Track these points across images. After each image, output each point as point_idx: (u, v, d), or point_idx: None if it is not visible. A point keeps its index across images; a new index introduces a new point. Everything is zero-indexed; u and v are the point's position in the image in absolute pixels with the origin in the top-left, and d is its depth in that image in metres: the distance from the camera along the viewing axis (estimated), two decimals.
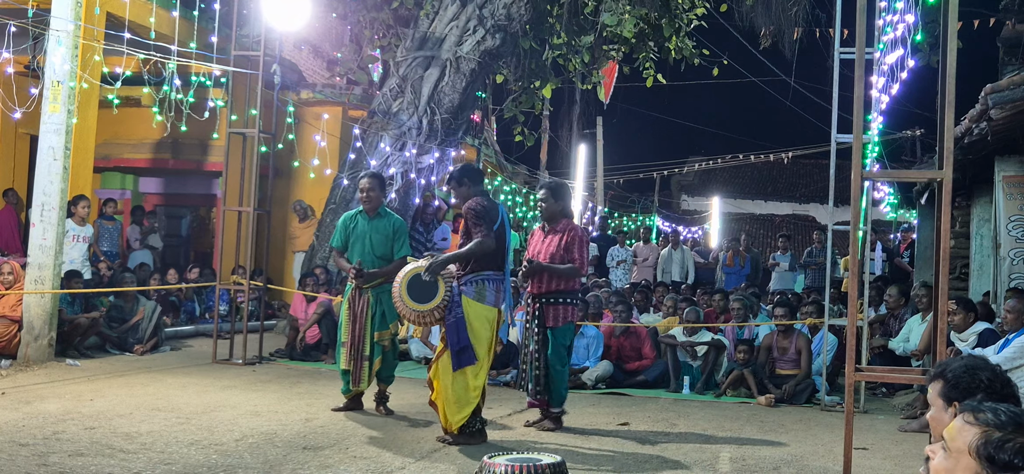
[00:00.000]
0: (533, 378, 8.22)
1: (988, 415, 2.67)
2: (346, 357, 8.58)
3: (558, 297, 8.19)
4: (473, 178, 7.88)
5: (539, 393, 8.23)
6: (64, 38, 10.52)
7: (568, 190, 8.82)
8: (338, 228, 9.03)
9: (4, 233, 14.43)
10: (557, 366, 8.22)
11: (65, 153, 10.63)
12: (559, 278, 8.16)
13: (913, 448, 7.90)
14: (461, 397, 7.39)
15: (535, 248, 8.35)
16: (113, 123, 16.57)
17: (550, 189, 8.50)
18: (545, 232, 8.38)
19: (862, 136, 6.25)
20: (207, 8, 13.08)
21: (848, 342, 5.90)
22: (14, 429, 7.14)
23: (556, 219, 8.34)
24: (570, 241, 8.19)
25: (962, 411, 2.76)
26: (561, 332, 8.23)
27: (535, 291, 8.24)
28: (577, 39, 16.36)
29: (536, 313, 8.21)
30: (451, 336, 7.36)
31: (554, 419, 8.28)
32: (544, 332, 8.19)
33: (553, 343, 8.19)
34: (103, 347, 11.86)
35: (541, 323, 8.18)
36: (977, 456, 2.62)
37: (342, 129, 17.52)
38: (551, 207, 8.35)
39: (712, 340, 11.42)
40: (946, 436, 2.74)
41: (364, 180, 8.97)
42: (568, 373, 8.54)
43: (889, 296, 12.08)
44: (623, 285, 17.53)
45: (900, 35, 11.15)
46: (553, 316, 8.18)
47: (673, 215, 39.84)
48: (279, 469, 6.38)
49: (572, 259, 8.18)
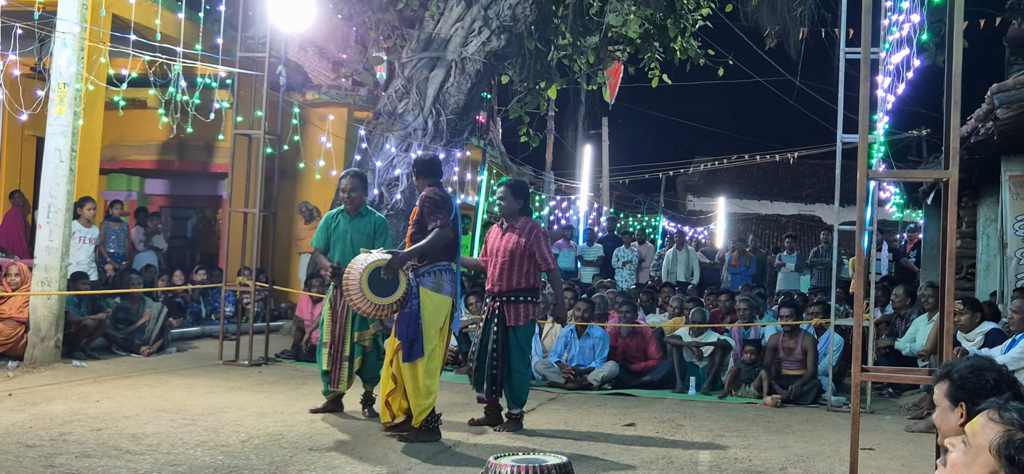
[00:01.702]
0: (489, 377, 8.13)
1: (1013, 415, 2.66)
2: (327, 358, 8.52)
3: (519, 296, 8.11)
4: (434, 170, 7.86)
5: (493, 392, 8.16)
6: (70, 40, 10.54)
7: (527, 188, 8.73)
8: (320, 228, 8.98)
9: (11, 235, 14.47)
10: (520, 367, 8.15)
11: (71, 155, 10.65)
12: (519, 276, 8.08)
13: (919, 449, 7.89)
14: (422, 387, 7.42)
15: (493, 246, 8.26)
16: (119, 125, 16.59)
17: (509, 187, 8.39)
18: (503, 230, 8.29)
19: (868, 136, 6.24)
20: (213, 10, 13.10)
21: (854, 342, 5.88)
22: (21, 430, 7.16)
23: (515, 217, 8.26)
24: (532, 239, 8.10)
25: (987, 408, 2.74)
26: (522, 331, 8.16)
27: (495, 290, 8.18)
28: (582, 40, 16.36)
29: (496, 312, 8.14)
30: (402, 328, 7.37)
31: (515, 421, 8.19)
32: (504, 331, 8.11)
33: (514, 343, 8.11)
34: (109, 348, 11.87)
35: (501, 322, 8.11)
36: (997, 454, 2.61)
37: (347, 130, 17.53)
38: (510, 205, 8.27)
39: (718, 340, 11.41)
40: (968, 431, 2.73)
41: (345, 180, 8.89)
42: (530, 374, 8.47)
43: (895, 296, 12.06)
44: (629, 286, 17.51)
45: (906, 35, 11.13)
46: (514, 315, 8.10)
47: (679, 216, 39.83)
48: (285, 470, 6.39)
49: (541, 259, 8.10)
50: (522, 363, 8.18)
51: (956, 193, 5.67)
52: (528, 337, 8.31)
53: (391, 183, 15.02)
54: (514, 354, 8.12)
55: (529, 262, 8.11)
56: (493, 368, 8.11)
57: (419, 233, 7.59)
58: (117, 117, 15.21)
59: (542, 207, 28.72)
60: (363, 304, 7.38)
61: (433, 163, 7.92)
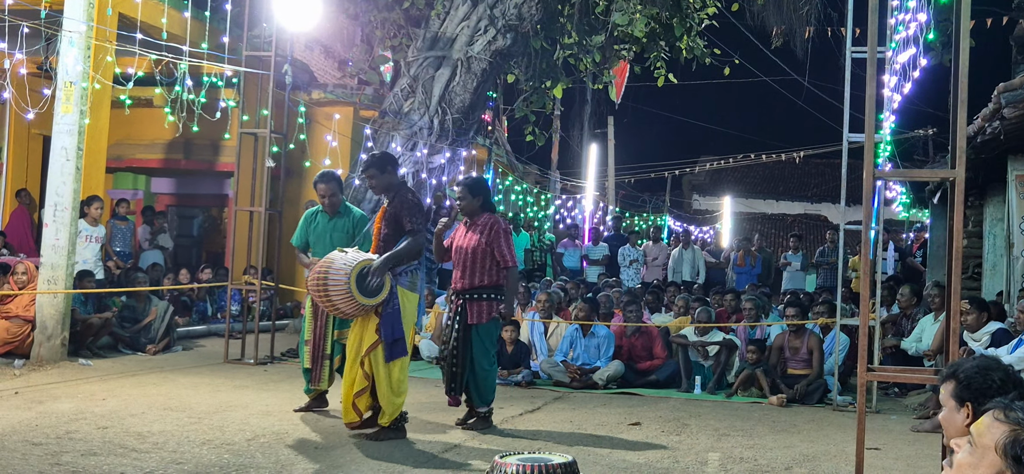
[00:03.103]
0: (450, 374, 8.09)
1: (1019, 414, 2.66)
2: (308, 355, 8.50)
3: (481, 293, 8.06)
4: (395, 166, 7.86)
5: (453, 390, 8.11)
6: (76, 39, 10.56)
7: (486, 185, 8.72)
8: (300, 226, 8.95)
9: (17, 233, 14.49)
10: (483, 365, 8.09)
11: (78, 154, 10.67)
12: (481, 273, 8.06)
13: (926, 448, 7.88)
14: (397, 387, 7.42)
15: (457, 244, 8.24)
16: (125, 124, 16.62)
17: (467, 186, 8.34)
18: (466, 228, 8.27)
19: (874, 135, 6.23)
20: (219, 9, 13.11)
21: (860, 342, 5.87)
22: (27, 428, 7.17)
23: (476, 214, 8.23)
24: (492, 236, 8.06)
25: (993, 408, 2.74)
26: (484, 329, 8.11)
27: (459, 287, 8.14)
28: (588, 39, 16.34)
29: (458, 310, 8.11)
30: (387, 328, 7.33)
31: (482, 419, 8.13)
32: (466, 330, 8.07)
33: (477, 341, 8.07)
34: (115, 347, 11.90)
35: (463, 320, 8.07)
36: (1003, 454, 2.61)
37: (353, 129, 17.54)
38: (469, 203, 8.24)
39: (724, 340, 11.40)
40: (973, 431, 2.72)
41: (321, 185, 8.77)
42: (495, 372, 8.39)
43: (901, 296, 12.04)
44: (635, 285, 17.50)
45: (912, 34, 11.12)
46: (476, 313, 8.05)
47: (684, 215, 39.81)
48: (290, 469, 6.39)
49: (499, 255, 8.05)
50: (486, 360, 8.11)
51: (962, 192, 5.66)
52: (491, 335, 8.25)
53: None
54: (477, 352, 8.06)
55: (490, 259, 8.07)
56: (454, 366, 8.05)
57: (393, 233, 7.54)
58: (123, 116, 15.25)
59: (548, 206, 28.72)
60: (347, 305, 7.25)
61: (393, 160, 7.91)
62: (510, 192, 26.17)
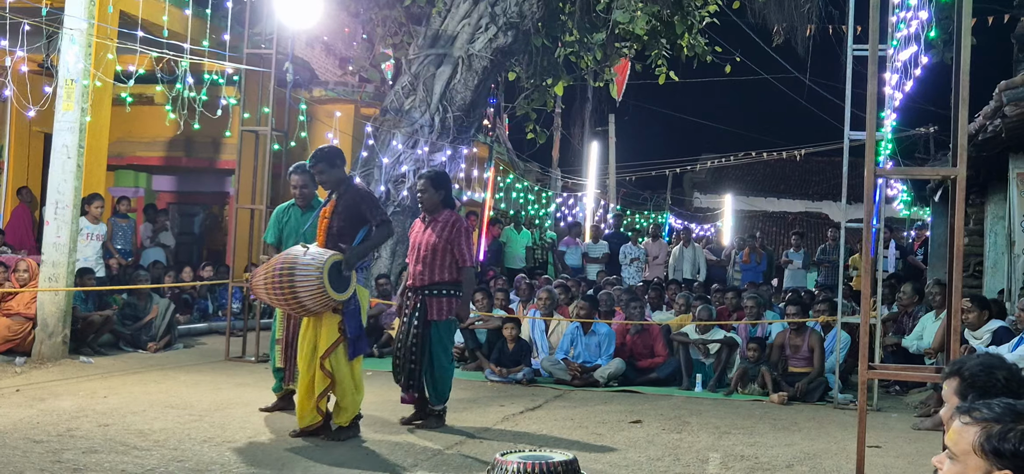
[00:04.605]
0: (407, 372, 7.90)
1: (984, 411, 2.68)
2: (280, 355, 8.29)
3: (440, 289, 7.93)
4: (343, 160, 7.68)
5: (411, 387, 7.94)
6: (78, 36, 10.56)
7: (449, 180, 8.47)
8: (271, 223, 8.76)
9: (18, 231, 14.50)
10: (443, 362, 7.98)
11: (79, 151, 10.67)
12: (441, 269, 7.91)
13: (927, 446, 7.87)
14: (358, 384, 7.34)
15: (415, 239, 8.09)
16: (126, 121, 16.63)
17: (429, 179, 8.12)
18: (425, 223, 8.08)
19: (875, 133, 6.23)
20: (220, 6, 13.11)
21: (861, 340, 5.87)
22: (29, 426, 7.18)
23: (436, 210, 8.05)
24: (453, 233, 7.93)
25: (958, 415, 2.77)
26: (444, 326, 7.99)
27: (416, 283, 7.98)
28: (589, 36, 16.34)
29: (417, 306, 7.94)
30: (352, 324, 7.22)
31: (437, 417, 8.03)
32: (425, 326, 7.91)
33: (436, 337, 7.94)
34: (117, 345, 11.90)
35: (422, 316, 7.91)
36: (982, 453, 2.62)
37: (354, 127, 17.54)
38: (431, 197, 8.04)
39: (725, 338, 11.40)
40: (949, 443, 2.75)
41: (295, 176, 8.64)
42: (452, 370, 8.26)
43: (903, 294, 12.04)
44: (636, 282, 17.50)
45: (914, 32, 11.11)
46: (436, 309, 7.91)
47: (685, 213, 39.79)
48: (292, 466, 6.40)
49: (458, 253, 7.93)
50: (445, 357, 8.01)
51: (964, 190, 5.66)
52: (450, 331, 8.15)
53: (397, 180, 15.03)
54: (436, 348, 7.94)
55: (450, 256, 7.94)
56: (411, 363, 7.88)
57: (348, 226, 7.36)
58: (124, 113, 15.26)
59: (549, 204, 28.72)
60: (316, 301, 7.01)
61: (341, 155, 7.72)
62: (511, 190, 26.17)
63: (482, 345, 11.95)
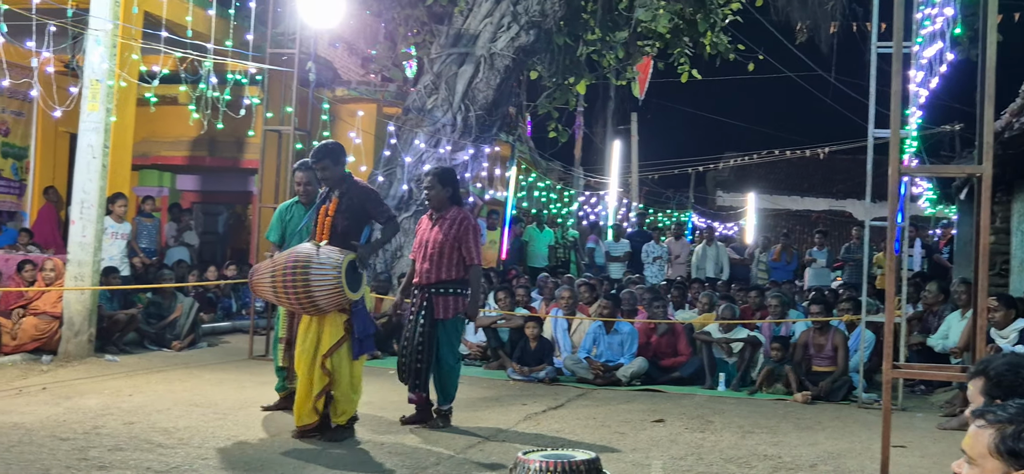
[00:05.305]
0: (414, 371, 7.81)
1: (998, 413, 2.68)
2: (283, 354, 8.24)
3: (447, 287, 7.87)
4: (345, 157, 7.55)
5: (417, 387, 7.85)
6: (102, 37, 10.64)
7: (456, 176, 8.41)
8: (274, 221, 8.64)
9: (45, 230, 14.62)
10: (449, 361, 7.91)
11: (104, 151, 10.74)
12: (447, 267, 7.84)
13: (952, 446, 7.81)
14: (357, 385, 7.27)
15: (422, 237, 8.01)
16: (151, 121, 16.72)
17: (436, 175, 8.05)
18: (432, 220, 8.01)
19: (900, 131, 6.19)
20: (243, 6, 13.17)
21: (885, 339, 5.84)
22: (55, 424, 7.23)
23: (444, 207, 7.99)
24: (461, 231, 7.86)
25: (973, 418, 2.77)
26: (451, 325, 7.92)
27: (423, 282, 7.90)
28: (611, 35, 16.32)
29: (423, 304, 7.87)
30: (360, 323, 7.16)
31: (443, 417, 7.95)
32: (432, 325, 7.85)
33: (444, 337, 7.88)
34: (141, 343, 11.98)
35: (429, 315, 7.84)
36: (999, 454, 2.62)
37: (377, 126, 17.58)
38: (438, 195, 7.97)
39: (748, 337, 11.36)
40: (965, 447, 2.74)
41: (299, 173, 8.59)
42: (459, 369, 8.15)
43: (928, 292, 11.95)
44: (659, 281, 17.45)
45: (939, 28, 11.02)
46: (443, 308, 7.84)
47: (708, 211, 39.66)
48: (315, 464, 6.42)
49: (466, 252, 7.86)
50: (451, 356, 7.94)
51: (990, 188, 5.62)
52: (457, 330, 8.08)
53: (420, 179, 15.04)
54: (443, 348, 7.87)
55: (458, 254, 7.87)
56: (417, 362, 7.80)
57: (354, 223, 7.29)
58: (149, 113, 15.35)
59: (571, 202, 28.70)
60: (330, 300, 6.93)
61: (343, 151, 7.57)
62: (533, 188, 26.16)
63: (504, 344, 11.95)
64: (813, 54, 23.04)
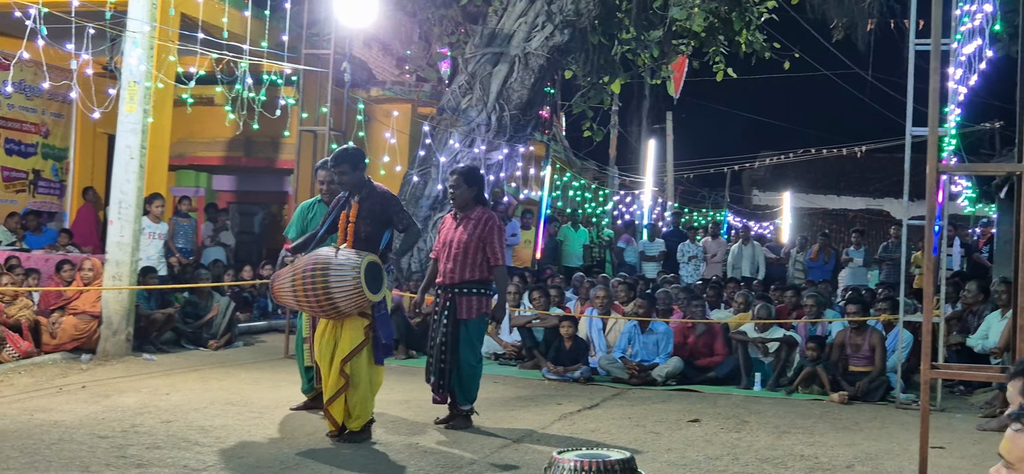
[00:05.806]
0: (437, 372, 7.76)
1: None
2: (309, 354, 8.07)
3: (471, 288, 7.78)
4: (365, 163, 7.50)
5: (441, 387, 7.78)
6: (140, 39, 10.73)
7: (481, 175, 8.31)
8: (295, 219, 8.60)
9: (83, 230, 14.79)
10: (471, 361, 7.81)
11: (141, 152, 10.84)
12: (471, 268, 7.74)
13: (991, 448, 7.69)
14: (375, 389, 7.20)
15: (446, 236, 7.92)
16: (187, 122, 16.85)
17: (461, 174, 7.95)
18: (456, 220, 7.91)
19: (937, 129, 6.13)
20: (278, 8, 13.25)
21: (924, 338, 5.78)
22: (94, 422, 7.31)
23: (469, 207, 7.89)
24: (486, 231, 7.76)
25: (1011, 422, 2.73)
26: (474, 325, 7.82)
27: (447, 282, 7.82)
28: (646, 34, 16.28)
29: (446, 304, 7.79)
30: (383, 328, 7.08)
31: (464, 418, 7.85)
32: (455, 325, 7.76)
33: (466, 337, 7.78)
34: (178, 342, 12.07)
35: (452, 315, 7.76)
36: None
37: (412, 126, 17.64)
38: (463, 194, 7.87)
39: (784, 337, 11.28)
40: (1003, 452, 2.71)
41: (322, 171, 8.50)
42: (481, 369, 8.05)
43: (967, 292, 11.82)
44: (694, 281, 17.38)
45: (978, 25, 10.90)
46: (466, 308, 7.75)
47: (744, 210, 39.46)
48: (350, 464, 6.44)
49: (490, 252, 7.77)
50: (473, 357, 7.85)
51: None
52: (480, 331, 7.98)
53: None
54: (464, 348, 7.77)
55: (482, 254, 7.79)
56: (441, 362, 7.75)
57: (375, 229, 7.20)
58: (185, 114, 15.45)
59: (606, 202, 28.65)
60: (350, 303, 6.87)
61: (363, 156, 7.53)
62: (568, 188, 26.14)
63: (539, 343, 11.94)
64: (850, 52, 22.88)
